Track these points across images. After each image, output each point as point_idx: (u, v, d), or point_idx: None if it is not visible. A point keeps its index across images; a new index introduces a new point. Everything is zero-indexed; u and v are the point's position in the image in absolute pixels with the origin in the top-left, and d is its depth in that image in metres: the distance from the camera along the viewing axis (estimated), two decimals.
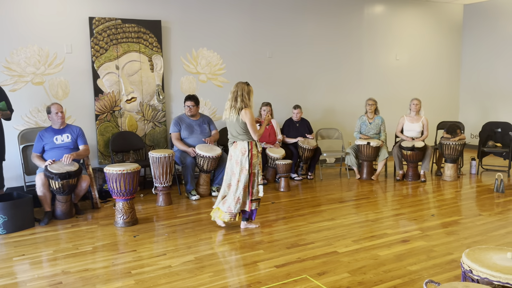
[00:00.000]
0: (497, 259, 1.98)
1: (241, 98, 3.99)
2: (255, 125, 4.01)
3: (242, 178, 4.03)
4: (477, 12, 8.60)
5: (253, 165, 4.04)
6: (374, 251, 3.58)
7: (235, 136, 4.08)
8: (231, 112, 4.03)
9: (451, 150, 6.11)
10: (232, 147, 4.11)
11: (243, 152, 4.02)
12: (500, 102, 8.35)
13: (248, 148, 4.02)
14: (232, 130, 4.09)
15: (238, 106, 3.99)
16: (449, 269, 3.19)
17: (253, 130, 3.99)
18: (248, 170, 4.01)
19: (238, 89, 4.02)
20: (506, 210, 4.72)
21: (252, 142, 4.05)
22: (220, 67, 6.44)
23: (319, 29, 7.22)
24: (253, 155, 4.03)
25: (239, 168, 4.03)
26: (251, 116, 3.97)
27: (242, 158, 4.02)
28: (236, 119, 4.01)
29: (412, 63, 8.28)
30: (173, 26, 6.04)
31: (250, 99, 4.03)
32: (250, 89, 4.05)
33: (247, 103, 3.99)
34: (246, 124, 3.98)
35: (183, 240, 3.90)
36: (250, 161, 4.01)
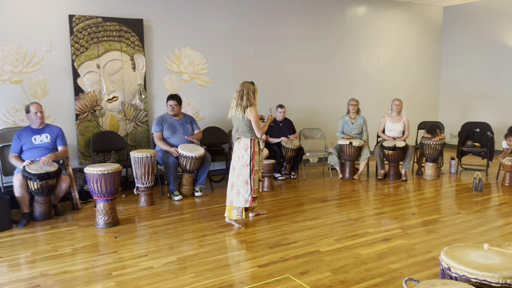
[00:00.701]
0: (474, 257, 2.02)
1: (246, 96, 4.17)
2: (259, 122, 4.19)
3: (243, 173, 4.18)
4: (457, 14, 8.77)
5: (255, 162, 4.20)
6: (356, 250, 3.61)
7: (240, 133, 4.25)
8: (237, 110, 4.20)
9: (432, 149, 6.21)
10: (236, 143, 4.31)
11: (246, 148, 4.19)
12: (478, 102, 8.52)
13: (251, 145, 4.19)
14: (237, 127, 4.26)
15: (244, 104, 4.16)
16: (429, 267, 3.24)
17: (257, 127, 4.16)
18: (250, 165, 4.17)
19: (244, 88, 4.20)
20: (484, 209, 4.82)
21: (255, 139, 4.22)
22: (203, 66, 6.41)
23: (302, 29, 7.25)
24: (255, 152, 4.20)
25: (241, 164, 4.20)
26: (256, 114, 4.15)
27: (244, 154, 4.19)
28: (241, 117, 4.17)
29: (394, 64, 8.39)
30: (155, 25, 5.99)
31: (255, 98, 4.21)
32: (255, 88, 4.24)
33: (252, 101, 4.17)
34: (251, 121, 4.14)
35: (165, 240, 3.87)
36: (252, 157, 4.18)
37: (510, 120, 7.81)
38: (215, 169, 6.52)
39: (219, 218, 4.50)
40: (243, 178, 4.19)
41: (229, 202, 4.27)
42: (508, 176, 5.89)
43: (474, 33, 8.52)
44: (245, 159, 4.18)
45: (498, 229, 4.12)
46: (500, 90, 8.17)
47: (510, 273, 1.86)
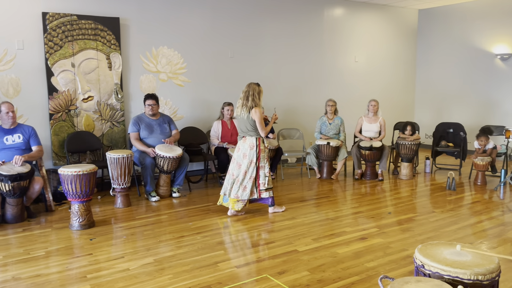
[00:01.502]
0: (447, 254, 2.06)
1: (252, 97, 4.40)
2: (263, 122, 4.43)
3: (249, 170, 4.44)
4: (431, 17, 8.96)
5: (261, 159, 4.47)
6: (333, 249, 3.64)
7: (244, 132, 4.49)
8: (242, 110, 4.44)
9: (407, 149, 6.33)
10: (241, 141, 4.54)
11: (252, 147, 4.45)
12: (452, 103, 8.74)
13: (256, 143, 4.45)
14: (242, 126, 4.51)
15: (249, 105, 4.40)
16: (404, 265, 3.30)
17: (261, 127, 4.41)
18: (256, 163, 4.44)
19: (250, 89, 4.43)
20: (458, 207, 4.94)
21: (260, 138, 4.48)
22: (181, 66, 6.36)
23: (280, 30, 7.28)
24: (261, 150, 4.47)
25: (247, 161, 4.45)
26: (260, 114, 4.39)
27: (250, 152, 4.45)
28: (246, 117, 4.41)
29: (370, 65, 8.52)
30: (132, 23, 5.91)
31: (260, 98, 4.46)
32: (260, 89, 4.47)
33: (257, 102, 4.41)
34: (255, 121, 4.36)
35: (142, 242, 3.82)
36: (258, 155, 4.45)
37: (482, 120, 8.03)
38: (193, 169, 6.48)
39: (197, 219, 4.47)
40: (249, 175, 4.45)
41: (234, 196, 4.48)
42: (480, 176, 6.05)
43: (448, 36, 8.73)
44: (251, 157, 4.44)
45: (470, 227, 4.23)
46: (473, 91, 8.39)
47: (481, 270, 1.91)
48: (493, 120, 7.97)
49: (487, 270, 1.92)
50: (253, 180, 4.47)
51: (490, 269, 1.93)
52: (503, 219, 4.47)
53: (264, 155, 4.50)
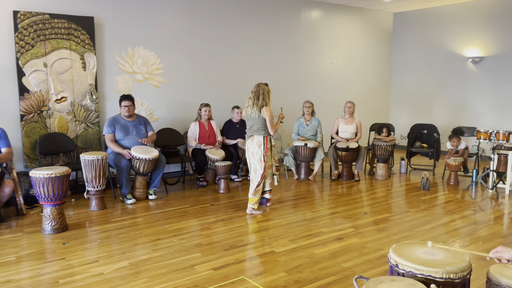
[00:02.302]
0: (420, 253, 2.10)
1: (262, 97, 4.58)
2: (273, 121, 4.61)
3: (259, 168, 4.59)
4: (406, 20, 9.14)
5: (268, 157, 4.62)
6: (310, 249, 3.66)
7: (253, 130, 4.64)
8: (253, 109, 4.60)
9: (383, 150, 6.43)
10: (249, 140, 4.68)
11: (259, 145, 4.60)
12: (426, 105, 8.92)
13: (263, 142, 4.59)
14: (251, 124, 4.65)
15: (260, 104, 4.57)
16: (380, 264, 3.34)
17: (271, 125, 4.58)
18: (263, 161, 4.58)
19: (259, 89, 4.61)
20: (431, 207, 5.04)
21: (267, 137, 4.63)
22: (158, 67, 6.29)
23: (257, 31, 7.29)
24: (267, 149, 4.62)
25: (256, 159, 4.61)
26: (271, 113, 4.57)
27: (258, 150, 4.60)
28: (257, 116, 4.57)
29: (347, 67, 8.62)
30: (107, 23, 5.81)
31: (269, 98, 4.63)
32: (269, 89, 4.66)
33: (267, 101, 4.60)
34: (266, 119, 4.54)
35: (117, 245, 3.75)
36: (265, 153, 4.59)
37: (454, 122, 8.23)
38: (170, 171, 6.41)
39: (173, 222, 4.42)
40: (259, 173, 4.59)
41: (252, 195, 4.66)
42: (453, 176, 6.20)
43: (422, 39, 8.92)
44: (259, 155, 4.59)
45: (443, 226, 4.32)
46: (446, 93, 8.59)
47: (453, 268, 1.95)
48: (465, 122, 8.18)
49: (459, 269, 1.96)
50: (264, 177, 4.63)
51: (461, 268, 1.97)
52: (474, 218, 4.58)
53: (270, 154, 4.67)
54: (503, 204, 5.15)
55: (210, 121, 6.18)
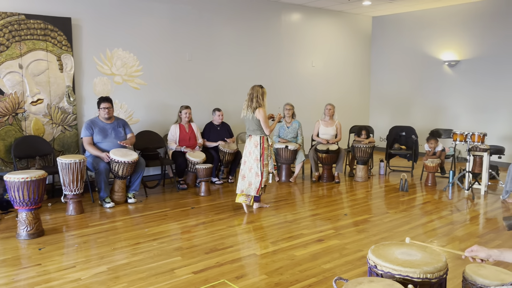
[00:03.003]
0: (398, 254, 2.12)
1: (256, 99, 4.73)
2: (267, 121, 4.73)
3: (254, 166, 4.72)
4: (384, 24, 9.29)
5: (264, 156, 4.73)
6: (291, 251, 3.67)
7: (251, 131, 4.80)
8: (247, 111, 4.75)
9: (362, 152, 6.50)
10: (248, 139, 4.86)
11: (256, 145, 4.75)
12: (404, 107, 9.07)
13: (260, 141, 4.74)
14: (248, 125, 4.82)
15: (253, 106, 4.72)
16: (359, 265, 3.37)
17: (265, 126, 4.70)
18: (260, 160, 4.70)
19: (254, 92, 4.76)
20: (410, 208, 5.12)
21: (264, 137, 4.76)
22: (137, 68, 6.21)
23: (238, 33, 7.29)
24: (264, 148, 4.74)
25: (252, 158, 4.75)
26: (264, 114, 4.69)
27: (255, 149, 4.74)
28: (251, 117, 4.72)
29: (327, 70, 8.70)
30: (85, 24, 5.71)
31: (264, 99, 4.77)
32: (264, 91, 4.79)
33: (261, 103, 4.73)
34: (260, 120, 4.66)
35: (96, 250, 3.69)
36: (262, 152, 4.71)
37: (432, 124, 8.39)
38: (149, 174, 6.34)
39: (153, 225, 4.37)
40: (254, 171, 4.72)
41: (239, 191, 4.79)
42: (430, 177, 6.31)
43: (400, 42, 9.07)
44: (255, 154, 4.73)
45: (422, 227, 4.39)
46: (423, 96, 8.75)
47: (430, 268, 1.98)
48: (442, 124, 8.35)
49: (435, 269, 1.99)
50: (259, 176, 4.73)
51: (438, 267, 2.00)
52: (451, 218, 4.67)
53: (267, 153, 4.78)
54: (479, 205, 5.27)
55: (191, 124, 6.15)
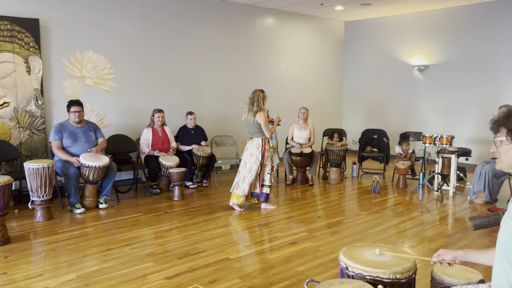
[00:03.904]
0: (369, 255, 2.15)
1: (257, 103, 4.90)
2: (267, 125, 4.93)
3: (254, 167, 4.93)
4: (356, 29, 9.45)
5: (265, 158, 4.96)
6: (265, 255, 3.67)
7: (252, 133, 5.00)
8: (248, 114, 4.94)
9: (335, 155, 6.58)
10: (249, 142, 5.05)
11: (258, 147, 4.95)
12: (376, 111, 9.25)
13: (262, 144, 4.95)
14: (249, 128, 5.01)
15: (254, 110, 4.90)
16: (332, 267, 3.40)
17: (265, 129, 4.91)
18: (261, 161, 4.93)
19: (255, 96, 4.93)
20: (382, 209, 5.21)
21: (265, 139, 4.96)
22: (108, 71, 6.11)
23: (212, 37, 7.27)
24: (266, 150, 4.95)
25: (253, 159, 4.94)
26: (264, 118, 4.88)
27: (256, 151, 4.94)
28: (252, 121, 4.92)
29: (301, 74, 8.78)
30: (54, 25, 5.58)
31: (264, 103, 4.94)
32: (264, 95, 4.96)
33: (261, 107, 4.90)
34: (260, 124, 4.86)
35: (65, 257, 3.59)
36: (263, 154, 4.93)
37: (402, 127, 8.58)
38: (122, 179, 6.23)
39: (125, 231, 4.29)
40: (254, 172, 4.92)
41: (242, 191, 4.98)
42: (401, 179, 6.44)
43: (371, 47, 9.25)
44: (256, 155, 4.93)
45: (393, 228, 4.47)
46: (394, 100, 8.95)
47: (399, 269, 2.01)
48: (412, 127, 8.55)
49: (405, 269, 2.02)
50: (257, 176, 4.95)
51: (407, 268, 2.04)
52: (422, 219, 4.78)
53: (268, 154, 4.99)
54: (447, 205, 5.41)
55: (164, 127, 6.08)
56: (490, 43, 7.51)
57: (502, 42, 7.37)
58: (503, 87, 7.42)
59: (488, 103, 7.45)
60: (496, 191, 5.32)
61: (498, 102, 6.92)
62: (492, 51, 7.49)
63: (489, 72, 7.56)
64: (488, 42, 7.53)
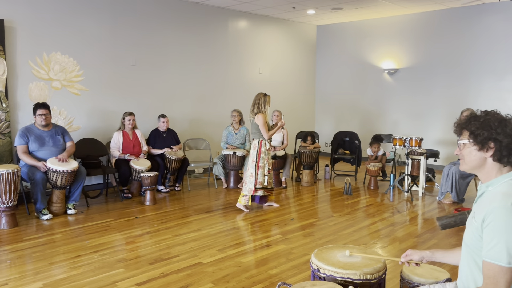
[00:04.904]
0: (340, 257, 2.17)
1: (257, 105, 5.06)
2: (265, 127, 5.01)
3: (250, 168, 5.05)
4: (328, 32, 9.58)
5: (260, 159, 5.02)
6: (238, 258, 3.65)
7: (253, 134, 5.15)
8: (250, 116, 5.13)
9: (308, 157, 6.63)
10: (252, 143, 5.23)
11: (254, 148, 5.08)
12: (348, 113, 9.39)
13: (258, 145, 5.06)
14: (251, 129, 5.18)
15: (254, 111, 5.06)
16: (305, 270, 3.42)
17: (263, 130, 5.02)
18: (255, 162, 5.02)
19: (257, 98, 5.08)
20: (354, 211, 5.28)
21: (262, 141, 5.06)
22: (77, 73, 5.96)
23: (184, 39, 7.21)
24: (261, 151, 5.03)
25: (250, 159, 5.08)
26: (263, 120, 5.00)
27: (253, 152, 5.06)
28: (252, 122, 5.10)
29: (274, 77, 8.81)
30: (20, 26, 5.40)
31: (265, 106, 5.07)
32: (266, 98, 5.08)
33: (261, 109, 5.04)
34: (259, 126, 4.99)
35: (31, 265, 3.46)
36: (258, 155, 5.01)
37: (373, 129, 8.74)
38: (91, 183, 6.08)
39: (95, 237, 4.19)
40: (249, 172, 5.03)
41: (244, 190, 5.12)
42: (373, 180, 6.55)
43: (343, 51, 9.39)
44: (253, 156, 5.05)
45: (365, 229, 4.53)
46: (365, 102, 9.11)
47: (369, 270, 2.04)
48: (383, 129, 8.72)
49: (375, 270, 2.05)
50: (253, 177, 5.03)
51: (377, 268, 2.06)
52: (392, 220, 4.87)
53: (264, 156, 5.04)
54: (417, 206, 5.53)
55: (135, 130, 5.97)
56: (456, 48, 7.75)
57: (467, 46, 7.61)
58: (469, 90, 7.67)
59: (455, 105, 7.68)
60: (463, 191, 5.47)
61: (464, 105, 7.15)
62: (458, 55, 7.74)
63: (455, 76, 7.80)
64: (454, 46, 7.77)
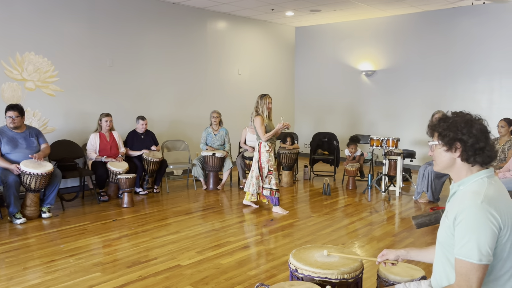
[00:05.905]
0: (317, 257, 2.18)
1: (255, 108, 5.15)
2: (261, 128, 5.07)
3: (254, 169, 5.18)
4: (307, 34, 9.65)
5: (261, 160, 5.13)
6: (217, 260, 3.63)
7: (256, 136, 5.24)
8: (251, 119, 5.21)
9: (287, 158, 6.66)
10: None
11: (255, 149, 5.23)
12: (326, 114, 9.47)
13: (258, 147, 5.17)
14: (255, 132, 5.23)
15: (253, 114, 5.15)
16: (284, 270, 3.42)
17: (260, 132, 5.09)
18: (258, 163, 5.14)
19: (258, 101, 5.16)
20: (332, 211, 5.32)
21: (261, 143, 5.14)
22: (52, 74, 5.83)
23: (162, 40, 7.15)
24: (261, 153, 5.13)
25: (253, 161, 5.24)
26: (260, 122, 5.06)
27: (256, 153, 5.19)
28: (252, 124, 5.20)
29: (253, 78, 8.82)
30: None
31: (266, 108, 5.12)
32: (263, 100, 5.13)
33: (259, 112, 5.12)
34: (256, 127, 5.09)
35: (4, 271, 3.37)
36: (259, 156, 5.14)
37: (351, 130, 8.84)
38: (67, 186, 5.96)
39: (71, 240, 4.10)
40: (254, 173, 5.18)
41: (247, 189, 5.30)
42: (351, 180, 6.62)
43: (321, 52, 9.48)
44: (256, 158, 5.19)
45: (344, 229, 4.58)
46: (343, 103, 9.21)
47: (346, 269, 2.06)
48: (361, 130, 8.83)
49: (352, 269, 2.07)
50: (258, 177, 5.16)
51: (354, 268, 2.08)
52: (370, 219, 4.93)
53: (264, 157, 5.11)
54: (394, 205, 5.62)
55: (112, 132, 5.88)
56: (432, 50, 7.91)
57: (443, 48, 7.79)
58: (444, 91, 7.84)
59: (430, 107, 7.83)
60: (438, 190, 5.59)
61: (440, 106, 7.30)
62: (434, 57, 7.90)
63: (431, 77, 7.97)
64: (430, 48, 7.93)
